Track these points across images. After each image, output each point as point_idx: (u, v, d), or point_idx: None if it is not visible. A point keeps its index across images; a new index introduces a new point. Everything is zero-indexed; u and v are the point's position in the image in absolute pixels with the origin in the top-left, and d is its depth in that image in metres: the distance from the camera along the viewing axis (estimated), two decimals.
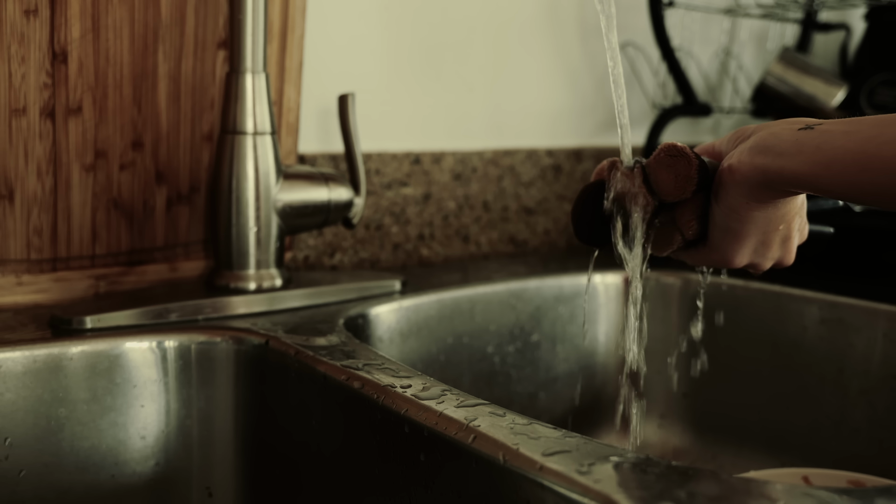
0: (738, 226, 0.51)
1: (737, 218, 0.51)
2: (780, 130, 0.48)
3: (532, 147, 1.08)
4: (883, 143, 0.43)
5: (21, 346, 0.61)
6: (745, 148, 0.49)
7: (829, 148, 0.45)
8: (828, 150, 0.45)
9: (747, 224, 0.51)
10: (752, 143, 0.49)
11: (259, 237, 0.74)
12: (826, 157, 0.45)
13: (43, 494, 0.61)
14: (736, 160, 0.49)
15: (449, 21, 0.99)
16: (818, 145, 0.46)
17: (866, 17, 1.24)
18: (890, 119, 0.44)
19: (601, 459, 0.42)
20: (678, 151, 0.51)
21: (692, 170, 0.50)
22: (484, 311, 0.85)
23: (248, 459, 0.67)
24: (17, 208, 0.72)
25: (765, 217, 0.51)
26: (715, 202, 0.51)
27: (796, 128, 0.48)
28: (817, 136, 0.46)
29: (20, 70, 0.70)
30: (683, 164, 0.51)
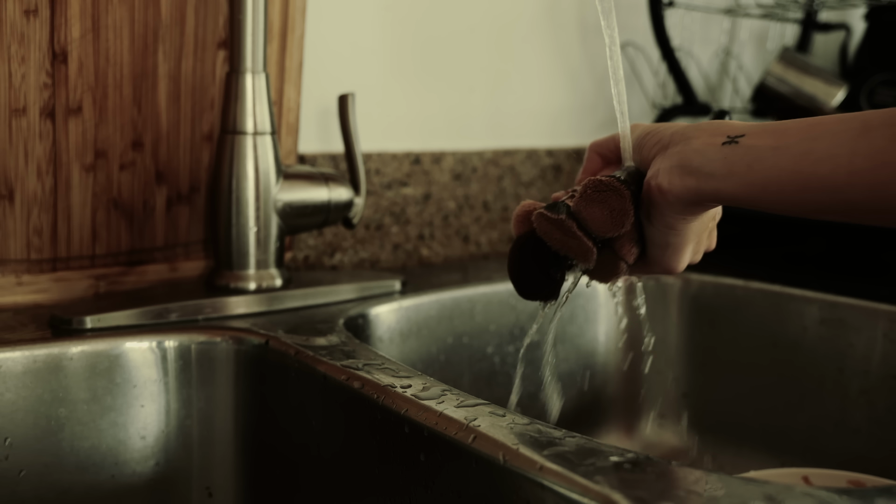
0: (677, 240, 0.50)
1: (674, 233, 0.50)
2: (704, 146, 0.46)
3: (532, 147, 1.08)
4: (816, 160, 0.41)
5: (21, 346, 0.61)
6: (670, 167, 0.47)
7: (761, 168, 0.44)
8: (760, 170, 0.44)
9: (684, 235, 0.50)
10: (677, 162, 0.47)
11: (259, 237, 0.74)
12: (760, 177, 0.44)
13: (43, 494, 0.61)
14: (665, 181, 0.47)
15: (449, 21, 0.99)
16: (749, 164, 0.44)
17: (866, 17, 1.24)
18: (816, 130, 0.42)
19: (601, 459, 0.42)
20: (606, 186, 0.48)
21: (626, 203, 0.48)
22: (484, 311, 0.85)
23: (248, 459, 0.67)
24: (17, 208, 0.72)
25: (700, 222, 0.51)
26: (648, 222, 0.50)
27: (719, 142, 0.46)
28: (745, 152, 0.44)
29: (20, 70, 0.70)
30: (616, 199, 0.48)
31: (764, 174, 0.43)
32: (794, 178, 0.42)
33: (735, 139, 0.45)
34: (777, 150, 0.43)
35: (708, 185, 0.46)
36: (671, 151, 0.48)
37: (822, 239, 1.04)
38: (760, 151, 0.44)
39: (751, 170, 0.44)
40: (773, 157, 0.43)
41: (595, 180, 0.48)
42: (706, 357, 0.92)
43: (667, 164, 0.48)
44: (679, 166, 0.47)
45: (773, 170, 0.43)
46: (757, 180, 0.44)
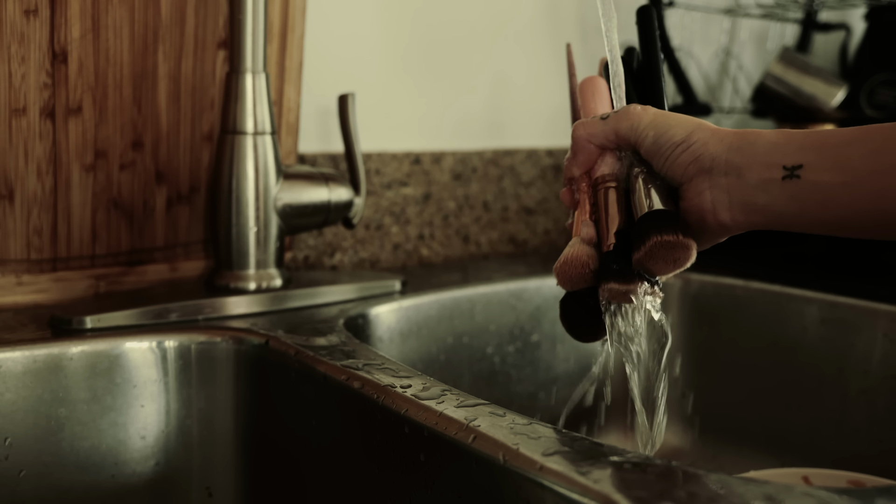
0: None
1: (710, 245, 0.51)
2: (764, 183, 0.45)
3: (532, 147, 1.08)
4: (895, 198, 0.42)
5: (21, 346, 0.61)
6: (730, 202, 0.46)
7: (836, 206, 0.44)
8: (836, 208, 0.44)
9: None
10: (739, 199, 0.46)
11: (259, 237, 0.74)
12: (837, 216, 0.44)
13: (43, 494, 0.61)
14: (728, 218, 0.47)
15: (449, 21, 0.99)
16: (822, 203, 0.44)
17: (866, 17, 1.24)
18: (883, 160, 0.42)
19: (601, 459, 0.42)
20: (674, 244, 0.47)
21: (691, 251, 0.47)
22: (484, 311, 0.85)
23: (248, 459, 0.67)
24: (17, 208, 0.72)
25: None
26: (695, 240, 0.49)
27: (778, 176, 0.45)
28: (813, 190, 0.44)
29: (20, 70, 0.70)
30: (682, 252, 0.47)
31: (840, 212, 0.44)
32: (874, 216, 0.43)
33: (794, 172, 0.45)
34: (848, 188, 0.43)
35: (779, 222, 0.46)
36: (723, 183, 0.47)
37: (822, 239, 1.04)
38: (830, 189, 0.43)
39: (825, 209, 0.44)
40: (847, 196, 0.43)
41: (663, 240, 0.47)
42: (706, 357, 0.92)
43: (724, 198, 0.47)
44: (742, 203, 0.46)
45: (851, 208, 0.43)
46: (834, 218, 0.44)
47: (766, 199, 0.45)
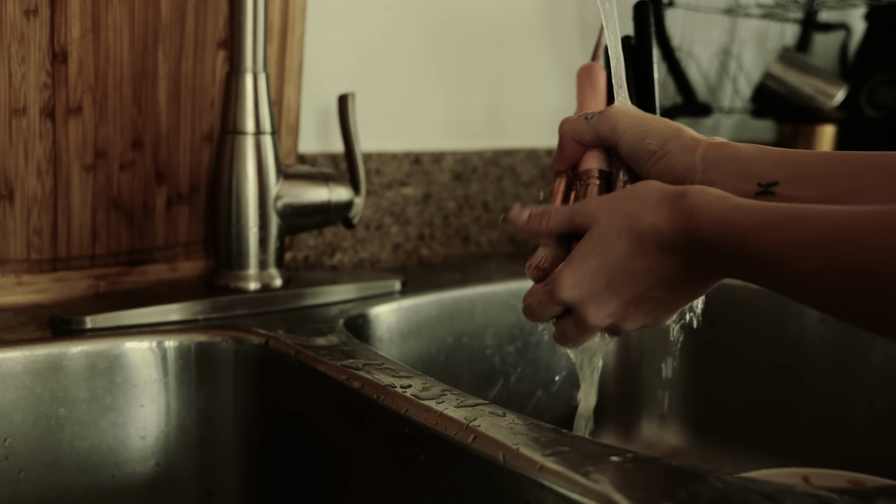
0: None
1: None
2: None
3: (532, 147, 1.08)
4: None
5: (21, 346, 0.61)
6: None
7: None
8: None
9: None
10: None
11: (259, 237, 0.74)
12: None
13: (43, 494, 0.61)
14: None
15: (449, 21, 0.99)
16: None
17: (866, 17, 1.24)
18: (862, 184, 0.42)
19: (601, 459, 0.42)
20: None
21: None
22: (484, 311, 0.85)
23: (248, 459, 0.67)
24: (17, 208, 0.72)
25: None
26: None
27: (752, 192, 0.45)
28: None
29: (20, 70, 0.70)
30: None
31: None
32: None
33: (769, 189, 0.45)
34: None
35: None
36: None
37: None
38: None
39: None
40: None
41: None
42: (706, 357, 0.92)
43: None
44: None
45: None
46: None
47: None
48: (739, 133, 1.32)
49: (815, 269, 0.37)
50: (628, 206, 0.46)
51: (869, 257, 0.35)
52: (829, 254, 0.36)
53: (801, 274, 0.38)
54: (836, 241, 0.36)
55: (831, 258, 0.36)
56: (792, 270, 0.38)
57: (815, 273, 0.37)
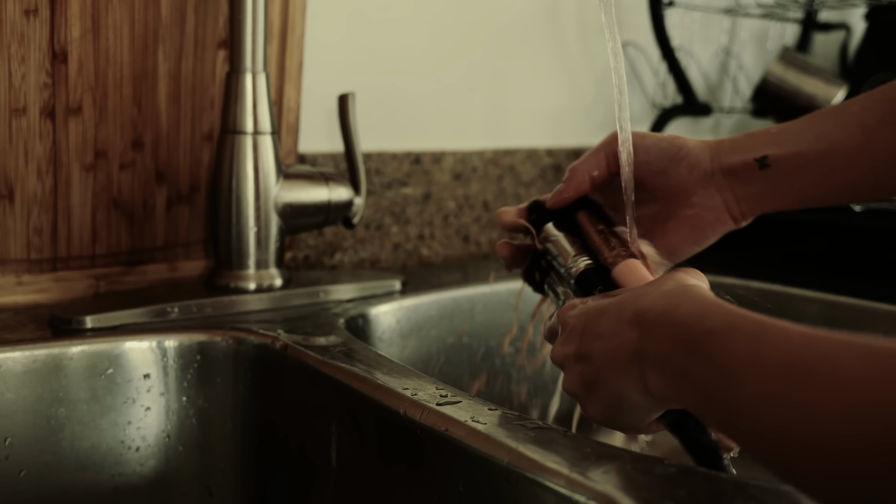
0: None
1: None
2: (748, 174, 0.52)
3: (532, 147, 1.08)
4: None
5: (21, 346, 0.61)
6: (737, 198, 0.53)
7: (801, 186, 0.52)
8: (802, 188, 0.52)
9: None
10: (743, 195, 0.52)
11: (259, 237, 0.74)
12: (808, 196, 0.53)
13: (43, 494, 0.61)
14: (739, 213, 0.53)
15: (449, 21, 0.99)
16: (791, 186, 0.52)
17: (866, 17, 1.24)
18: (827, 144, 0.49)
19: (602, 459, 0.42)
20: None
21: None
22: (484, 311, 0.85)
23: (248, 459, 0.67)
24: (17, 208, 0.72)
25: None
26: None
27: (756, 167, 0.51)
28: (781, 175, 0.52)
29: (20, 70, 0.70)
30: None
31: (807, 192, 0.52)
32: (830, 190, 0.51)
33: (764, 162, 0.52)
34: (804, 169, 0.51)
35: (773, 206, 0.55)
36: (727, 184, 0.54)
37: (821, 239, 1.04)
38: (793, 172, 0.51)
39: (795, 190, 0.52)
40: (806, 177, 0.52)
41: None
42: None
43: (731, 196, 0.54)
44: (745, 197, 0.55)
45: (813, 187, 0.52)
46: (805, 198, 0.53)
47: (756, 189, 0.52)
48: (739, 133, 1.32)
49: (761, 394, 0.33)
50: (661, 278, 0.45)
51: (818, 400, 0.31)
52: (779, 381, 0.32)
53: (746, 397, 0.34)
54: (791, 370, 0.33)
55: (779, 386, 0.32)
56: (740, 391, 0.34)
57: (760, 399, 0.33)
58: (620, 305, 0.43)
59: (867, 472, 0.28)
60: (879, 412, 0.28)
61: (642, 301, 0.42)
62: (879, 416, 0.28)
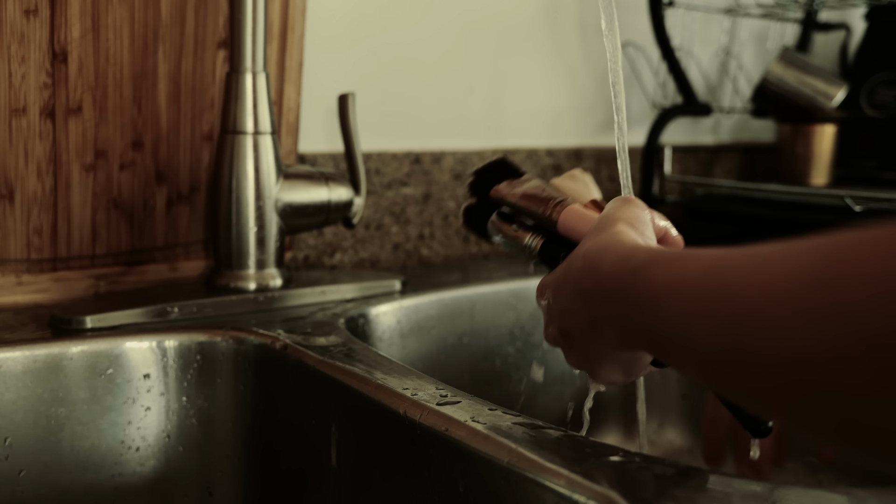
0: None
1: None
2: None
3: (532, 147, 1.08)
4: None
5: (21, 346, 0.61)
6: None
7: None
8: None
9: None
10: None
11: (259, 237, 0.74)
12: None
13: (43, 494, 0.61)
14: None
15: (449, 20, 0.99)
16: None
17: (866, 17, 1.24)
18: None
19: (602, 459, 0.42)
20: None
21: None
22: (484, 311, 0.85)
23: (248, 459, 0.67)
24: (17, 208, 0.72)
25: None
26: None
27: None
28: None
29: (20, 70, 0.70)
30: None
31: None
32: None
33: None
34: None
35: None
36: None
37: None
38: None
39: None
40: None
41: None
42: None
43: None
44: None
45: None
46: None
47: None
48: (739, 133, 1.32)
49: (687, 310, 0.33)
50: (592, 229, 0.45)
51: (738, 290, 0.31)
52: (701, 290, 0.32)
53: (675, 317, 0.33)
54: (710, 275, 0.32)
55: (703, 294, 0.32)
56: (669, 312, 0.34)
57: (688, 315, 0.33)
58: (565, 277, 0.44)
59: (795, 346, 0.28)
60: (798, 282, 0.28)
61: (574, 268, 0.42)
62: (798, 287, 0.28)
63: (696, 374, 0.34)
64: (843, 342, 0.26)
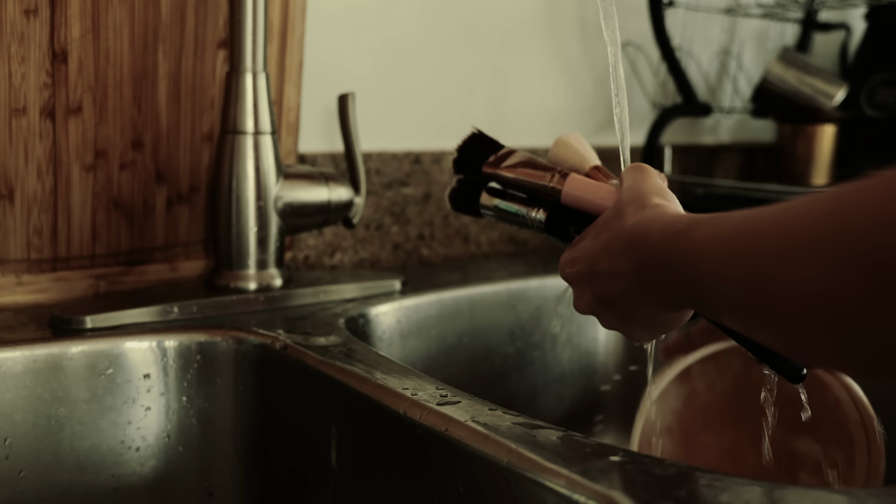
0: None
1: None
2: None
3: (532, 147, 1.08)
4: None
5: (21, 346, 0.61)
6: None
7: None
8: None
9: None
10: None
11: (259, 237, 0.74)
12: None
13: (43, 494, 0.61)
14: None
15: (449, 21, 0.99)
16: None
17: (866, 17, 1.24)
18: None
19: (602, 459, 0.42)
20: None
21: None
22: (484, 311, 0.85)
23: (248, 459, 0.67)
24: (17, 208, 0.72)
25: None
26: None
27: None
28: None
29: (20, 70, 0.70)
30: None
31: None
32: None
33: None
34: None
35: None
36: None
37: None
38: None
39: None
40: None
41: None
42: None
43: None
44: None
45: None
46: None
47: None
48: (739, 133, 1.32)
49: (722, 259, 0.36)
50: (625, 201, 0.47)
51: (764, 233, 0.34)
52: (733, 240, 0.35)
53: (713, 268, 0.37)
54: (741, 227, 0.35)
55: (735, 244, 0.35)
56: (707, 266, 0.37)
57: (723, 264, 0.36)
58: (607, 247, 0.46)
59: (811, 282, 0.31)
60: (811, 220, 0.31)
61: (618, 239, 0.45)
62: (812, 223, 0.31)
63: (733, 320, 0.38)
64: (845, 269, 0.29)
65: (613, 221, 0.46)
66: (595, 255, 0.47)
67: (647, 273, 0.43)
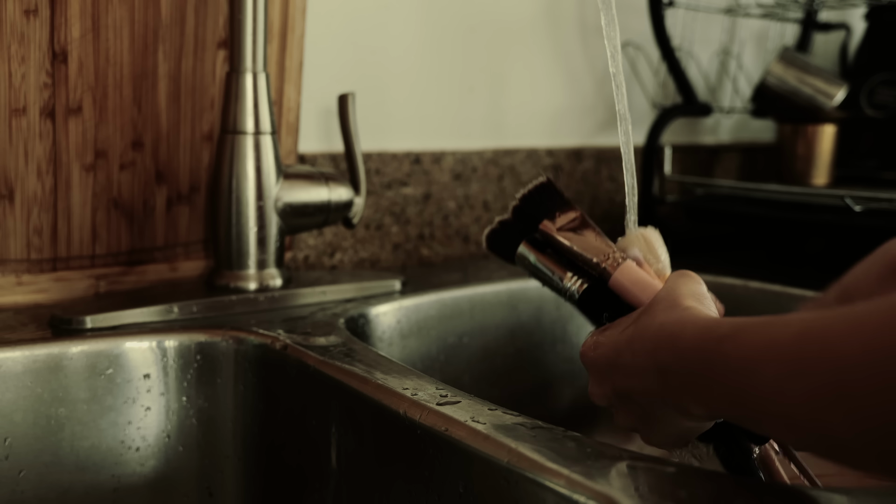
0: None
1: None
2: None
3: (532, 147, 1.08)
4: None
5: (21, 346, 0.61)
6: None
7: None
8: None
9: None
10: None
11: (259, 237, 0.74)
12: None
13: (43, 494, 0.61)
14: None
15: (449, 20, 0.99)
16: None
17: (866, 17, 1.24)
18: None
19: (602, 459, 0.42)
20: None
21: None
22: (484, 311, 0.85)
23: (248, 459, 0.67)
24: (17, 208, 0.72)
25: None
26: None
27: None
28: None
29: (20, 70, 0.70)
30: None
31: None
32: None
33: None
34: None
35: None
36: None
37: (821, 239, 1.04)
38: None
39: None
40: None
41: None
42: None
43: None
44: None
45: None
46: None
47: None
48: (739, 133, 1.32)
49: (782, 374, 0.33)
50: (658, 299, 0.45)
51: (839, 350, 0.31)
52: (796, 352, 0.33)
53: (769, 382, 0.34)
54: (805, 338, 0.33)
55: (799, 357, 0.32)
56: (761, 379, 0.34)
57: (783, 379, 0.33)
58: (630, 342, 0.43)
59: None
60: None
61: (645, 338, 0.42)
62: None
63: (788, 435, 0.36)
64: None
65: (642, 317, 0.44)
66: (619, 347, 0.44)
67: (675, 380, 0.40)
